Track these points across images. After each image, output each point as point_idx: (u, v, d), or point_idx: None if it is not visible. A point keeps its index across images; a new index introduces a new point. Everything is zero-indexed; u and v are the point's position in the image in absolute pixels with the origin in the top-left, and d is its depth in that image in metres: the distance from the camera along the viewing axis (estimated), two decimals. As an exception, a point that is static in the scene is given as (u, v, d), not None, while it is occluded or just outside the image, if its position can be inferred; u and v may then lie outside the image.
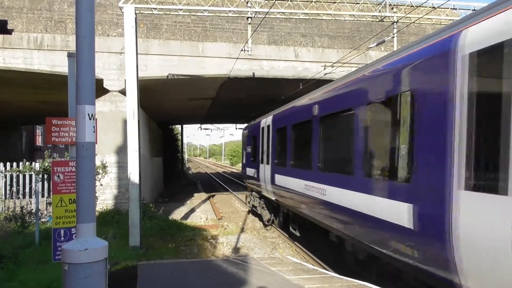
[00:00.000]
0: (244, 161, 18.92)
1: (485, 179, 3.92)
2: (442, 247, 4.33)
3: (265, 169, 13.58)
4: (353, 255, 7.39)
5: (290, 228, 11.85)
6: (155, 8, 11.38)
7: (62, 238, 5.58)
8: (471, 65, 4.05)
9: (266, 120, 13.79)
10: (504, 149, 3.67)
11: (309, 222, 9.59)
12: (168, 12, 11.83)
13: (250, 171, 16.39)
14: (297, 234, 11.29)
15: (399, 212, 5.12)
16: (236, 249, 11.43)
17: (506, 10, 3.79)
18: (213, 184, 34.84)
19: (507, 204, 3.58)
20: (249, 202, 17.76)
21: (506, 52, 3.71)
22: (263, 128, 14.32)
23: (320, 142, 8.46)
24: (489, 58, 3.91)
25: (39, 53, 13.51)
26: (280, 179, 11.54)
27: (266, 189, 13.64)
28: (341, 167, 7.34)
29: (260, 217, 15.55)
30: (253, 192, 16.56)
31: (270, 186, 12.81)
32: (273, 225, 14.37)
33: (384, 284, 6.14)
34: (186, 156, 78.70)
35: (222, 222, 15.35)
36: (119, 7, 10.60)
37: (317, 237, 9.74)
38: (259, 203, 15.45)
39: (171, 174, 33.19)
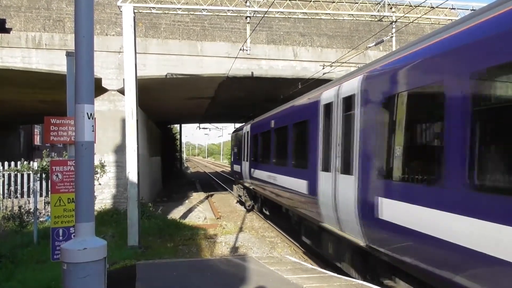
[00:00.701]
0: (232, 159, 24.67)
1: (325, 164, 7.91)
2: (316, 202, 8.30)
3: (245, 165, 17.79)
4: (292, 218, 11.32)
5: (263, 210, 16.12)
6: (154, 7, 11.37)
7: (61, 238, 5.57)
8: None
9: (246, 127, 17.97)
10: (322, 151, 8.19)
11: (273, 203, 13.52)
12: (166, 11, 11.82)
13: (236, 167, 20.85)
14: (267, 213, 15.55)
15: (302, 186, 9.24)
16: (234, 249, 11.43)
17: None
18: (211, 183, 34.84)
19: (328, 175, 7.67)
20: (238, 194, 21.31)
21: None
22: (244, 133, 18.79)
23: (274, 145, 12.81)
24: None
25: (37, 52, 13.48)
26: (255, 172, 15.65)
27: (246, 180, 17.75)
28: (282, 162, 11.60)
29: (245, 205, 19.05)
30: (239, 184, 20.43)
31: (249, 178, 16.99)
32: (254, 209, 18.06)
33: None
34: (184, 156, 78.63)
35: (220, 222, 15.35)
36: (118, 6, 10.59)
37: (279, 214, 13.14)
38: (243, 193, 19.24)
39: (169, 174, 33.17)
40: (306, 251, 10.91)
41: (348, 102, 6.95)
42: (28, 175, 12.50)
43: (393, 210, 5.29)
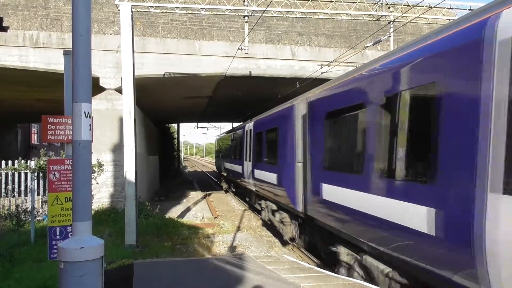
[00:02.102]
0: (215, 157, 36.60)
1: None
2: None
3: (222, 161, 26.80)
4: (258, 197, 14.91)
5: (231, 188, 24.95)
6: (152, 6, 11.35)
7: (58, 237, 5.56)
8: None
9: (220, 134, 26.58)
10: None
11: (237, 184, 21.06)
12: (164, 10, 11.80)
13: (218, 162, 30.68)
14: (234, 190, 24.07)
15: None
16: (232, 248, 11.43)
17: None
18: (209, 182, 34.83)
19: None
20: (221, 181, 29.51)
21: None
22: (217, 139, 30.78)
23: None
24: None
25: (35, 51, 13.45)
26: (225, 164, 24.08)
27: (223, 170, 26.21)
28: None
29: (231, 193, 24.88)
30: (221, 173, 28.61)
31: (223, 168, 25.46)
32: (228, 191, 26.02)
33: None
34: (182, 155, 78.55)
35: (218, 221, 15.35)
36: (116, 5, 10.56)
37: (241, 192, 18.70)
38: (221, 180, 28.91)
39: (167, 173, 33.12)
40: (239, 198, 11.02)
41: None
42: (26, 174, 12.48)
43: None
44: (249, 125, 16.32)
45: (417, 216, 4.60)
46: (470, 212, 3.76)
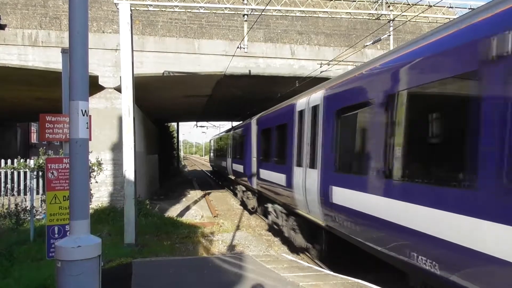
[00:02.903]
0: (210, 155, 43.05)
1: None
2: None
3: (213, 157, 36.08)
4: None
5: (213, 177, 37.37)
6: (151, 5, 11.32)
7: (56, 235, 5.54)
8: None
9: (214, 136, 30.39)
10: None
11: (221, 174, 29.51)
12: (164, 9, 11.76)
13: (211, 159, 37.68)
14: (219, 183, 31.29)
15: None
16: (231, 247, 11.42)
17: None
18: (208, 181, 34.82)
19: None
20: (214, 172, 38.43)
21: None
22: (210, 140, 42.68)
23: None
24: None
25: (34, 50, 13.42)
26: (212, 160, 37.25)
27: (211, 164, 39.12)
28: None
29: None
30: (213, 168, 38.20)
31: (212, 164, 37.36)
32: (213, 177, 35.51)
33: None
34: (181, 154, 78.53)
35: (217, 220, 15.34)
36: (115, 3, 10.53)
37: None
38: (211, 171, 39.06)
39: (166, 172, 33.12)
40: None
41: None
42: (25, 173, 12.45)
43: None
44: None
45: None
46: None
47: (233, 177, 20.77)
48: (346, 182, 6.52)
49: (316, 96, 8.19)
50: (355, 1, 13.68)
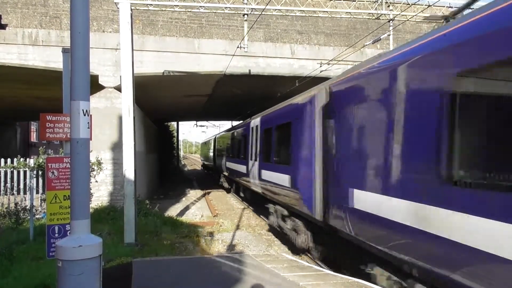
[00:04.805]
0: (211, 155, 41.24)
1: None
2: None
3: (208, 156, 37.87)
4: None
5: (205, 170, 47.39)
6: (151, 4, 11.31)
7: (57, 235, 5.55)
8: None
9: (255, 121, 25.37)
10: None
11: (209, 168, 39.31)
12: (164, 8, 11.76)
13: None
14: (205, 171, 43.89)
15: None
16: (231, 246, 11.44)
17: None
18: (208, 181, 34.83)
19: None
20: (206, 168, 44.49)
21: None
22: (204, 142, 48.87)
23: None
24: None
25: (34, 49, 13.42)
26: (204, 158, 44.98)
27: (205, 162, 44.47)
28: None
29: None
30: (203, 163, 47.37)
31: (204, 161, 45.56)
32: (205, 170, 43.52)
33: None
34: (181, 153, 78.53)
35: (217, 219, 15.35)
36: (115, 3, 10.53)
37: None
38: (207, 167, 43.10)
39: (166, 171, 33.14)
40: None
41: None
42: (25, 172, 12.46)
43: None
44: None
45: None
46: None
47: (214, 168, 32.19)
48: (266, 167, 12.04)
49: (257, 120, 14.17)
50: (355, 0, 13.68)
